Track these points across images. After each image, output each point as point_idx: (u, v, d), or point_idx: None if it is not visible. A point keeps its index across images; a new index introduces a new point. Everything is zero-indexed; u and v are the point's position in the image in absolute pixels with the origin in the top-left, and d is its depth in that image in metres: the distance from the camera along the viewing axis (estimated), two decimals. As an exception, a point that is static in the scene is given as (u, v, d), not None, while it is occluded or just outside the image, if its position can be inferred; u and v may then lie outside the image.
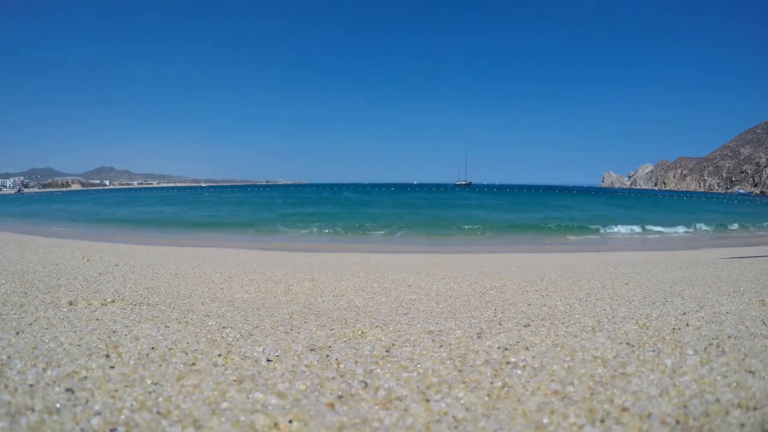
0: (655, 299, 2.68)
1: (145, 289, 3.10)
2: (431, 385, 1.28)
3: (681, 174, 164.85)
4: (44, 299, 2.44)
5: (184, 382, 1.27)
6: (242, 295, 3.16)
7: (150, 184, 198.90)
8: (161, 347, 1.58)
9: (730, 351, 1.50)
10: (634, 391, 1.20)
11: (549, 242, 14.64)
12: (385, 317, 2.28)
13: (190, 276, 3.99)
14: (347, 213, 26.29)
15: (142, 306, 2.39)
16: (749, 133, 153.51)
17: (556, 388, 1.24)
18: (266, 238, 15.44)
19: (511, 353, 1.55)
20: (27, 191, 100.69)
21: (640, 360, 1.45)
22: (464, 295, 3.16)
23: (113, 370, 1.33)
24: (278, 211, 26.62)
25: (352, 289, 3.47)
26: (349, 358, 1.53)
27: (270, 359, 1.48)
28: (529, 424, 1.05)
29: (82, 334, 1.70)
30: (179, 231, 16.72)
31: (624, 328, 1.89)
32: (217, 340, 1.70)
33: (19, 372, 1.27)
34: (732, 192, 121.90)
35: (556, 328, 1.92)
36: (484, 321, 2.10)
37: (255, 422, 1.05)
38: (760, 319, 1.97)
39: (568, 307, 2.51)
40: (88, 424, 1.01)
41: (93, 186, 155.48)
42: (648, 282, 3.65)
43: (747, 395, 1.14)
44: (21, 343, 1.55)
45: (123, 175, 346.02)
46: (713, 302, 2.48)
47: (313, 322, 2.12)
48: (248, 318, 2.19)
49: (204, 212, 26.55)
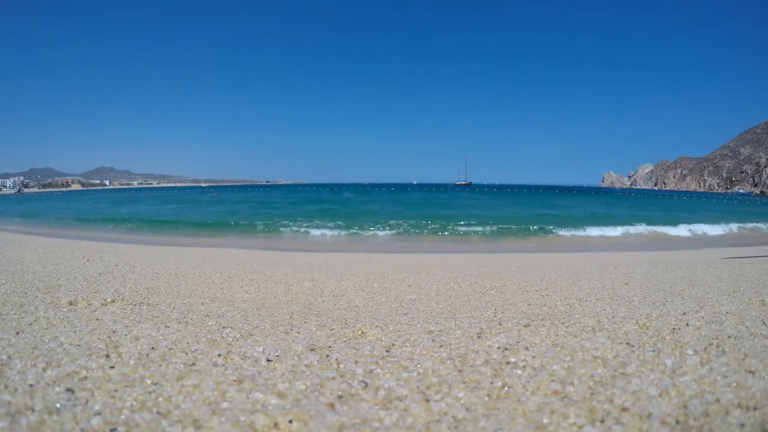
0: (655, 299, 2.68)
1: (145, 289, 3.10)
2: (431, 385, 1.28)
3: (681, 174, 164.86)
4: (44, 299, 2.44)
5: (184, 382, 1.27)
6: (242, 295, 3.16)
7: (150, 184, 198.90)
8: (161, 347, 1.58)
9: (730, 351, 1.50)
10: (634, 391, 1.20)
11: (545, 242, 14.64)
12: (385, 317, 2.28)
13: (190, 276, 3.99)
14: (347, 213, 26.29)
15: (142, 306, 2.40)
16: (749, 133, 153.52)
17: (556, 388, 1.24)
18: (266, 238, 15.45)
19: (511, 353, 1.56)
20: (27, 191, 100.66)
21: (640, 360, 1.45)
22: (464, 295, 3.16)
23: (113, 370, 1.33)
24: (278, 211, 26.63)
25: (352, 289, 3.47)
26: (349, 358, 1.53)
27: (270, 359, 1.48)
28: (529, 424, 1.05)
29: (82, 334, 1.70)
30: (179, 231, 16.72)
31: (624, 328, 1.89)
32: (217, 340, 1.70)
33: (19, 372, 1.27)
34: (732, 192, 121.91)
35: (556, 328, 1.92)
36: (484, 321, 2.10)
37: (255, 422, 1.05)
38: (760, 319, 1.97)
39: (568, 307, 2.51)
40: (88, 424, 1.01)
41: (93, 186, 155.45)
42: (648, 282, 3.65)
43: (747, 395, 1.14)
44: (21, 343, 1.55)
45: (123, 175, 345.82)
46: (713, 302, 2.48)
47: (313, 322, 2.12)
48: (248, 318, 2.19)
49: (204, 212, 26.56)
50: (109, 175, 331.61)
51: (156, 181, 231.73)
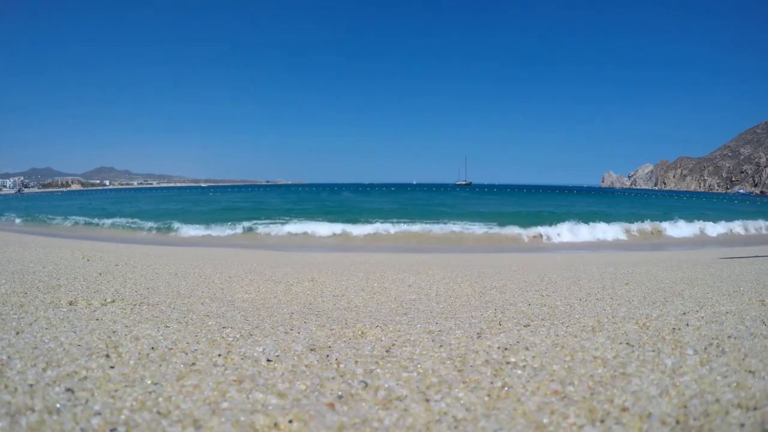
0: (655, 299, 2.68)
1: (145, 289, 3.10)
2: (431, 385, 1.28)
3: (681, 174, 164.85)
4: (44, 299, 2.44)
5: (184, 382, 1.27)
6: (242, 295, 3.16)
7: (150, 184, 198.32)
8: (161, 347, 1.58)
9: (730, 351, 1.50)
10: (634, 391, 1.20)
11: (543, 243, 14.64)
12: (385, 317, 2.28)
13: (190, 276, 3.99)
14: (346, 212, 26.30)
15: (142, 306, 2.40)
16: (749, 133, 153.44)
17: (556, 388, 1.24)
18: (265, 238, 15.45)
19: (511, 353, 1.56)
20: (27, 191, 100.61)
21: (640, 360, 1.45)
22: (464, 295, 3.16)
23: (113, 370, 1.33)
24: (277, 211, 26.63)
25: (352, 289, 3.47)
26: (349, 358, 1.53)
27: (270, 359, 1.48)
28: (529, 424, 1.05)
29: (82, 334, 1.70)
30: (179, 231, 16.72)
31: (624, 328, 1.89)
32: (217, 340, 1.70)
33: (19, 372, 1.27)
34: (732, 192, 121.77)
35: (556, 328, 1.92)
36: (484, 321, 2.10)
37: (255, 422, 1.05)
38: (760, 319, 1.97)
39: (568, 307, 2.51)
40: (88, 424, 1.01)
41: (93, 186, 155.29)
42: (648, 282, 3.65)
43: (747, 395, 1.14)
44: (21, 343, 1.55)
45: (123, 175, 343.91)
46: (713, 302, 2.48)
47: (313, 322, 2.12)
48: (248, 318, 2.19)
49: (204, 212, 26.57)
50: (109, 175, 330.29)
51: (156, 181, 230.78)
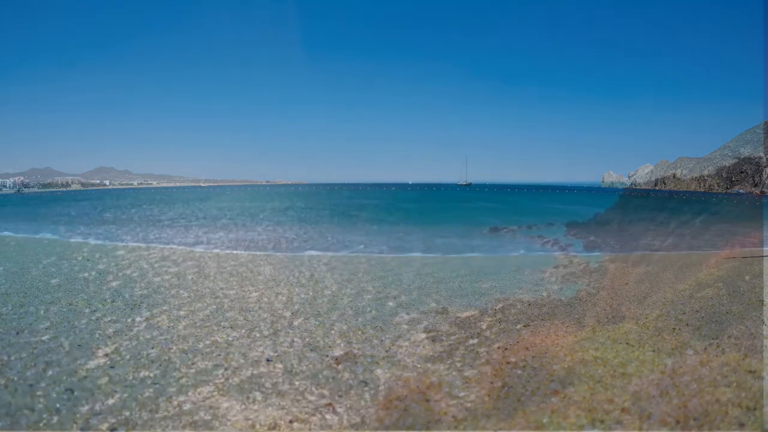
0: (655, 299, 2.68)
1: (145, 290, 3.10)
2: (431, 385, 1.28)
3: (681, 174, 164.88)
4: (44, 299, 2.44)
5: (185, 382, 1.27)
6: (243, 295, 3.16)
7: (150, 184, 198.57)
8: (161, 347, 1.58)
9: (730, 351, 1.50)
10: (634, 391, 1.20)
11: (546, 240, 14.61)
12: (385, 317, 2.28)
13: (190, 276, 3.99)
14: (346, 212, 26.30)
15: (142, 306, 2.40)
16: (749, 133, 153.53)
17: (556, 388, 1.24)
18: (266, 239, 15.44)
19: (511, 353, 1.56)
20: (27, 191, 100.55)
21: (640, 360, 1.45)
22: (464, 295, 3.16)
23: (113, 370, 1.33)
24: (277, 212, 26.63)
25: (353, 288, 3.47)
26: (349, 357, 1.53)
27: (270, 359, 1.49)
28: (529, 424, 1.05)
29: (82, 335, 1.70)
30: (179, 231, 16.73)
31: (624, 328, 1.89)
32: (217, 340, 1.70)
33: (19, 372, 1.27)
34: (732, 192, 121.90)
35: (556, 327, 1.92)
36: (484, 320, 2.10)
37: (255, 422, 1.05)
38: (759, 319, 1.97)
39: (568, 307, 2.51)
40: (88, 424, 1.01)
41: (93, 186, 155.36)
42: (648, 282, 3.65)
43: (747, 395, 1.14)
44: (21, 343, 1.55)
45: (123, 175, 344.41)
46: (713, 302, 2.48)
47: (313, 321, 2.12)
48: (248, 318, 2.19)
49: (204, 211, 26.57)
50: (109, 175, 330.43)
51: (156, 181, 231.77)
